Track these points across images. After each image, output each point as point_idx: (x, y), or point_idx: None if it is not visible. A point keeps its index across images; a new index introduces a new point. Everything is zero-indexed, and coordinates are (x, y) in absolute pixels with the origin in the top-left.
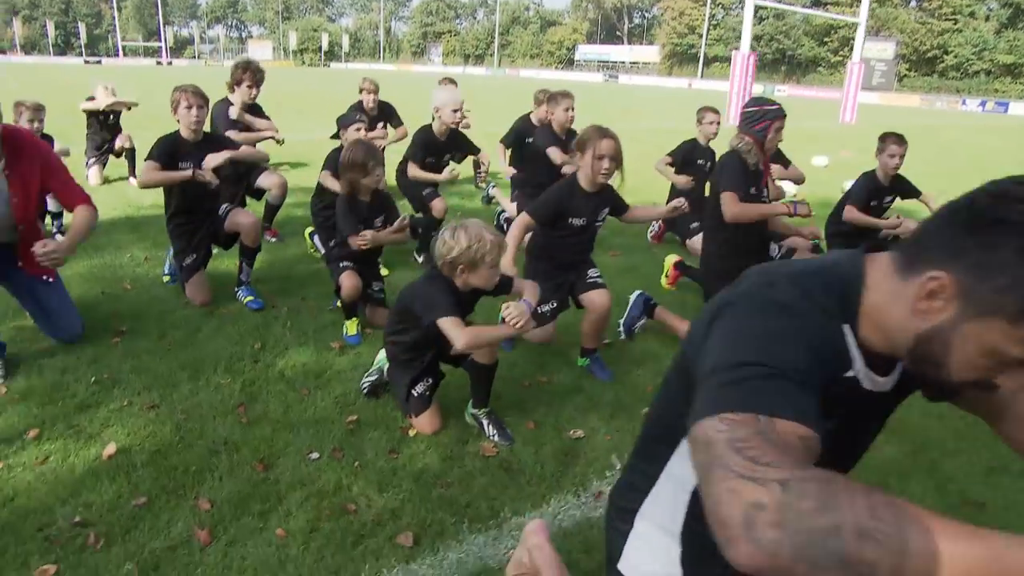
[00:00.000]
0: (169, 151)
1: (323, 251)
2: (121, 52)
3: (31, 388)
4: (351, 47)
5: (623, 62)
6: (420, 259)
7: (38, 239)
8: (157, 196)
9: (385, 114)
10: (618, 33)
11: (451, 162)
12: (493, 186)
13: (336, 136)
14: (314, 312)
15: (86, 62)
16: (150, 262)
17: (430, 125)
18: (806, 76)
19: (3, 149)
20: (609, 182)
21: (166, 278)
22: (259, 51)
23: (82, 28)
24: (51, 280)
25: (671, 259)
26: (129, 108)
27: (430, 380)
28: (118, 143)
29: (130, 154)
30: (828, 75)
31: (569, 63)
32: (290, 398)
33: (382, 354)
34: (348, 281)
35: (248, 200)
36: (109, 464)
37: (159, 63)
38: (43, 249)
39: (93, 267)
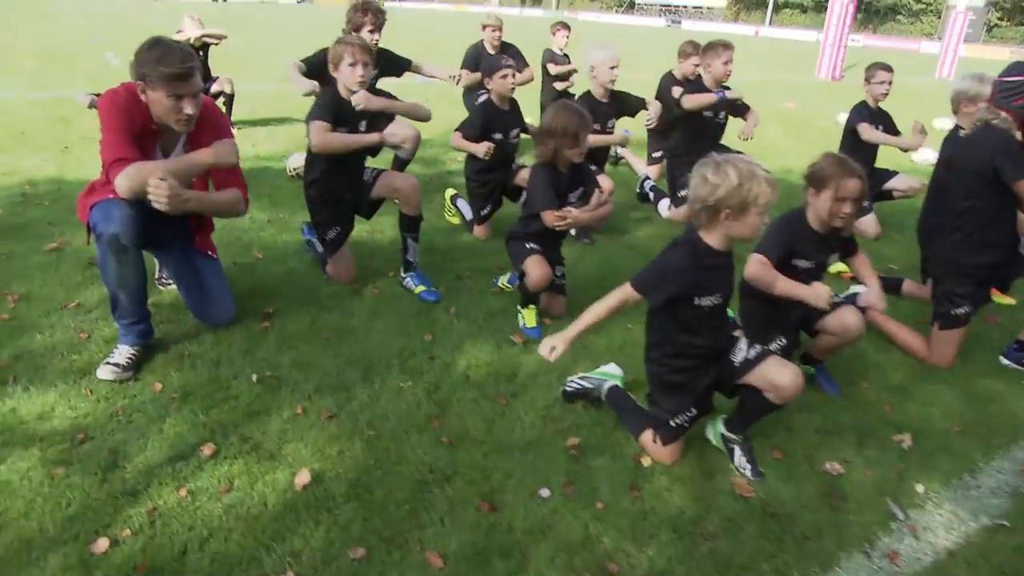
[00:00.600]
0: (335, 111)
1: (469, 219)
2: None
3: (188, 386)
4: None
5: (686, 7)
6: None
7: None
8: (264, 146)
9: (508, 55)
10: None
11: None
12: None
13: (481, 86)
14: (475, 294)
15: None
16: (274, 225)
17: (588, 91)
18: (883, 25)
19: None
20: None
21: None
22: None
23: None
24: (215, 257)
25: None
26: (218, 41)
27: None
28: (215, 87)
29: (228, 100)
30: (908, 24)
31: (630, 6)
32: (486, 409)
33: (610, 369)
34: (539, 269)
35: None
36: (305, 496)
37: (215, 0)
38: (156, 189)
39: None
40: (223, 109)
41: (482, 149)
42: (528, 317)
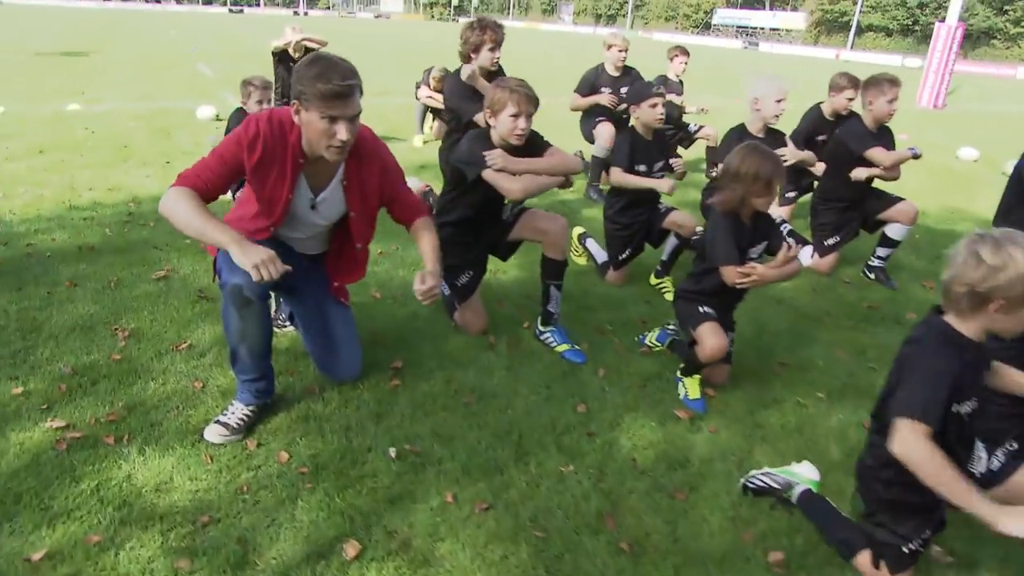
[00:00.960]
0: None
1: (601, 262)
2: (262, 2)
3: (318, 457)
4: (480, 1)
5: (763, 28)
6: None
7: (362, 257)
8: None
9: (631, 78)
10: None
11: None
12: None
13: (622, 114)
14: (622, 353)
15: (230, 11)
16: (388, 259)
17: (743, 125)
18: (975, 50)
19: (344, 162)
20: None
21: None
22: (391, 4)
23: None
24: (347, 304)
25: None
26: (319, 47)
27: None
28: None
29: None
30: (1004, 49)
31: (706, 27)
32: (664, 506)
33: (802, 471)
34: (715, 339)
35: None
36: None
37: (296, 13)
38: (423, 287)
39: None
40: None
41: (666, 186)
42: (691, 387)
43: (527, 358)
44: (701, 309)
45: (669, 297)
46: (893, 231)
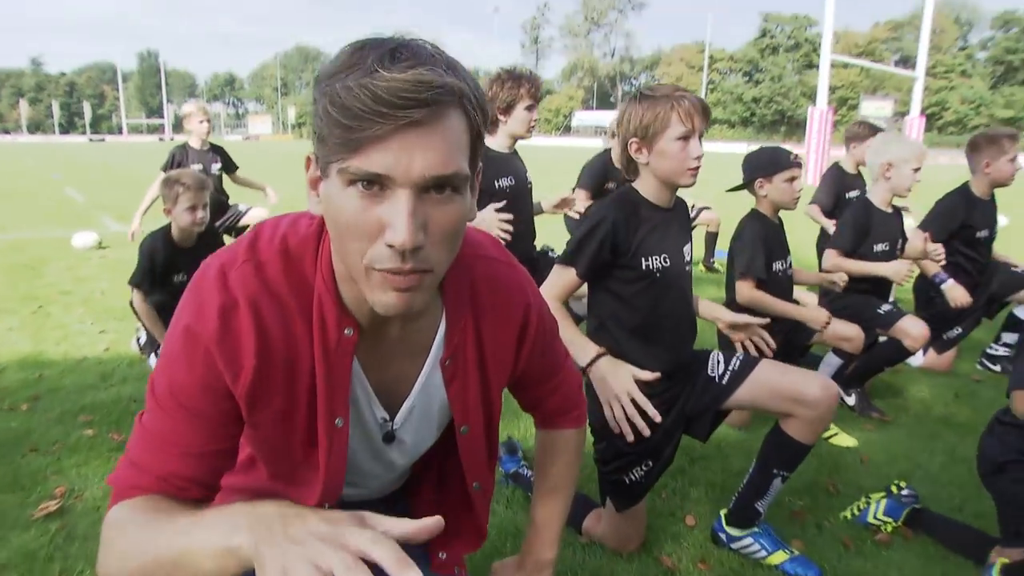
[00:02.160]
0: None
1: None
2: (125, 130)
3: None
4: None
5: None
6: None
7: (481, 504)
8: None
9: None
10: (612, 99)
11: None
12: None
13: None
14: (843, 553)
15: (90, 140)
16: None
17: (866, 200)
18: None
19: (442, 302)
20: None
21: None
22: (260, 126)
23: (87, 107)
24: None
25: None
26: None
27: None
28: (248, 219)
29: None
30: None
31: (567, 129)
32: None
33: None
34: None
35: None
36: None
37: (161, 139)
38: None
39: None
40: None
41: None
42: None
43: None
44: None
45: (838, 441)
46: None
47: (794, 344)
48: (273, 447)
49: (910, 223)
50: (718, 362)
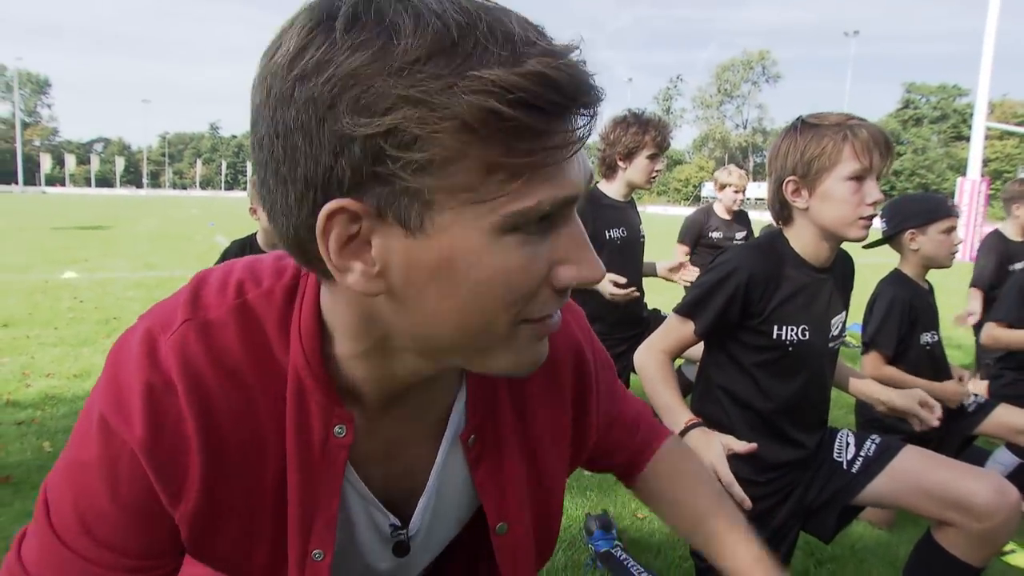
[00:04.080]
0: None
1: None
2: None
3: None
4: None
5: (749, 199)
6: None
7: None
8: None
9: (741, 224)
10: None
11: None
12: None
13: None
14: None
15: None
16: None
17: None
18: None
19: (466, 383)
20: None
21: None
22: None
23: (249, 166)
24: None
25: None
26: None
27: None
28: None
29: None
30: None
31: (696, 199)
32: None
33: None
34: None
35: None
36: None
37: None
38: None
39: None
40: None
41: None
42: None
43: None
44: None
45: (1014, 561)
46: None
47: (953, 432)
48: (227, 567)
49: None
50: (848, 444)
